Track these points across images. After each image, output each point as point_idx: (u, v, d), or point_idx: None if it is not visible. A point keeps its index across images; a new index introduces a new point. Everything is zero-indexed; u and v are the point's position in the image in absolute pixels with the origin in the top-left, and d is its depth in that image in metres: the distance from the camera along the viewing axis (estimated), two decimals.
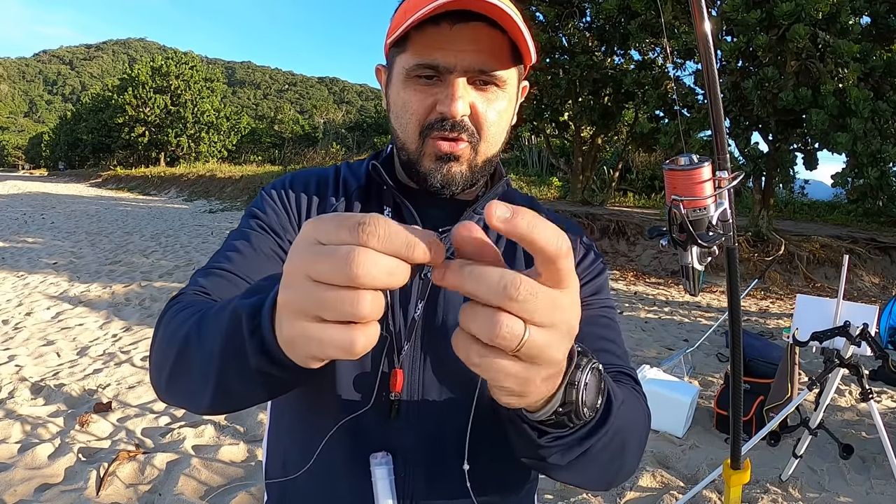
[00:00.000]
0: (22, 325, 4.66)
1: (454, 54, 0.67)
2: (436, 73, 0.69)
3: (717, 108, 1.04)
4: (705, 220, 0.97)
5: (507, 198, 0.84)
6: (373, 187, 0.82)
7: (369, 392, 0.72)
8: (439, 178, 0.72)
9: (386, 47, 0.75)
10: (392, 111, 0.75)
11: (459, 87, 0.68)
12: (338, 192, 0.81)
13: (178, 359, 0.58)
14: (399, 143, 0.75)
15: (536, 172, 19.50)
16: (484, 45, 0.68)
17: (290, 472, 0.79)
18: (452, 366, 0.72)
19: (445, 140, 0.70)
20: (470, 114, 0.70)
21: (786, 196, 14.63)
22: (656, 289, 7.56)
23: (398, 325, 0.73)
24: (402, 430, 0.73)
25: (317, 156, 28.47)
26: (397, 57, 0.72)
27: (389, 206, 0.78)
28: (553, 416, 0.49)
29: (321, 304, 0.36)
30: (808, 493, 2.54)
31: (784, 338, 2.96)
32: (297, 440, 0.78)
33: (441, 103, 0.69)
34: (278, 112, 45.38)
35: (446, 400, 0.73)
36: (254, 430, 2.95)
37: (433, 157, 0.72)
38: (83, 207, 16.75)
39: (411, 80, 0.70)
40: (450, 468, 0.74)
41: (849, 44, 7.26)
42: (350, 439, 0.73)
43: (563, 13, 11.17)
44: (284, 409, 0.80)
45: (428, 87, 0.70)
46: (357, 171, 0.84)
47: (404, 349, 0.72)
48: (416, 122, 0.71)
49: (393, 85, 0.74)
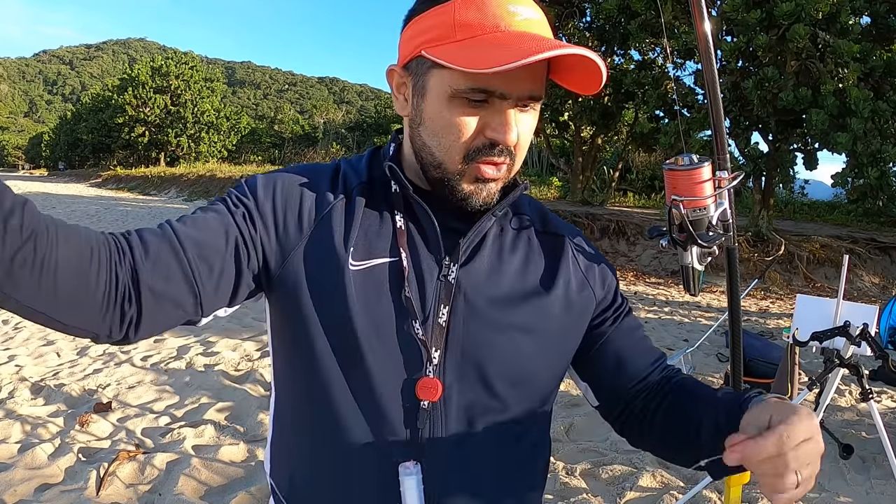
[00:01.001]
0: (22, 325, 4.66)
1: (514, 83, 0.66)
2: (487, 96, 0.67)
3: (717, 108, 1.04)
4: (705, 220, 0.97)
5: (516, 205, 0.82)
6: (376, 185, 0.77)
7: (392, 398, 0.70)
8: (478, 199, 0.72)
9: (415, 51, 0.70)
10: (427, 127, 0.71)
11: (512, 116, 0.68)
12: (336, 188, 0.77)
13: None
14: (434, 160, 0.72)
15: (536, 172, 19.51)
16: (537, 72, 0.68)
17: (299, 481, 0.75)
18: (480, 377, 0.72)
19: (492, 165, 0.70)
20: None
21: (786, 196, 14.63)
22: (656, 289, 7.56)
23: (429, 332, 0.71)
24: (430, 440, 0.71)
25: (317, 156, 28.52)
26: (440, 72, 0.67)
27: (401, 211, 0.75)
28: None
29: None
30: (808, 493, 2.54)
31: (784, 338, 2.96)
32: (305, 445, 0.75)
33: (494, 130, 0.67)
34: (278, 112, 45.40)
35: (472, 410, 0.72)
36: (254, 430, 2.95)
37: (473, 180, 0.71)
38: (83, 207, 16.75)
39: (458, 100, 0.67)
40: (477, 479, 0.73)
41: (849, 44, 7.26)
42: (375, 449, 0.70)
43: (563, 13, 11.16)
44: (290, 412, 0.77)
45: (476, 109, 0.68)
46: (358, 167, 0.80)
47: (434, 358, 0.70)
48: (463, 146, 0.69)
49: (429, 99, 0.70)
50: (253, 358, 4.10)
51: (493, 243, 0.77)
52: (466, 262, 0.74)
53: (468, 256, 0.74)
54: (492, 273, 0.74)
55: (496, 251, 0.76)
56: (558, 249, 0.80)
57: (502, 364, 0.72)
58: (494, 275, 0.74)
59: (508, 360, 0.73)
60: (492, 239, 0.77)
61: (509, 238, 0.78)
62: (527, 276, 0.76)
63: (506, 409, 0.73)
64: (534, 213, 0.83)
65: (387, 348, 0.70)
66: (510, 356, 0.73)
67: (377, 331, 0.70)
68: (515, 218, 0.81)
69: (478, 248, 0.75)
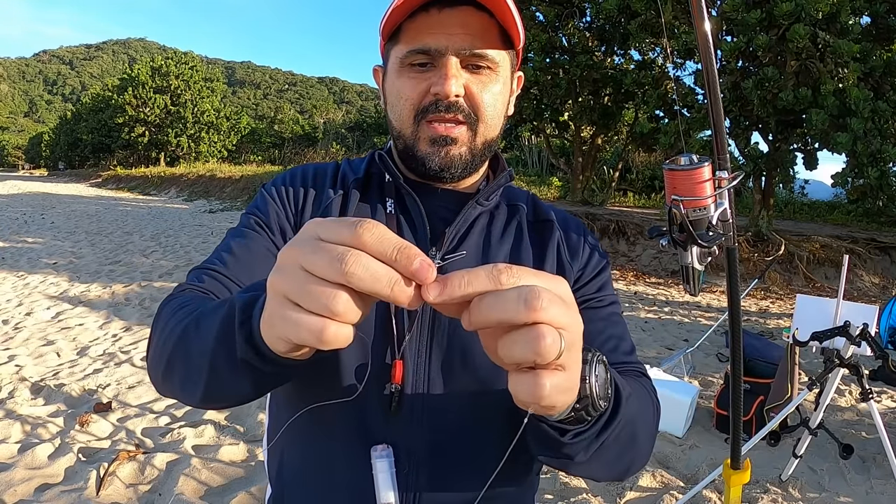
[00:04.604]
0: (22, 325, 4.66)
1: (445, 37, 0.68)
2: (428, 58, 0.69)
3: (717, 108, 1.04)
4: (705, 220, 0.96)
5: (508, 193, 0.84)
6: (372, 180, 0.82)
7: (368, 383, 0.71)
8: (437, 161, 0.72)
9: (381, 44, 0.76)
10: (388, 102, 0.75)
11: (452, 67, 0.69)
12: (335, 185, 0.81)
13: (177, 348, 0.60)
14: (395, 131, 0.75)
15: (536, 172, 19.50)
16: (473, 27, 0.69)
17: (286, 466, 0.78)
18: (457, 360, 0.72)
19: (441, 122, 0.71)
20: (465, 95, 0.71)
21: (786, 196, 14.63)
22: (656, 289, 7.56)
23: (402, 318, 0.72)
24: (405, 424, 0.72)
25: (317, 156, 28.49)
26: (392, 50, 0.73)
27: (392, 198, 0.78)
28: (572, 414, 0.50)
29: (305, 292, 0.39)
30: (808, 493, 2.54)
31: (784, 338, 2.96)
32: (294, 434, 0.77)
33: (435, 84, 0.69)
34: (278, 112, 45.35)
35: (451, 394, 0.72)
36: (254, 430, 2.95)
37: (429, 141, 0.72)
38: (83, 207, 16.75)
39: (405, 69, 0.71)
40: (454, 464, 0.73)
41: (849, 44, 7.26)
42: (350, 431, 0.72)
43: (563, 13, 11.16)
44: (282, 403, 0.80)
45: (421, 73, 0.71)
46: (356, 166, 0.84)
47: (405, 340, 0.71)
48: (411, 108, 0.72)
49: (388, 78, 0.75)
50: None
51: (480, 232, 0.78)
52: (453, 250, 0.75)
53: (455, 245, 0.76)
54: (477, 262, 0.75)
55: (484, 240, 0.78)
56: (547, 235, 0.81)
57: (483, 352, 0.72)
58: (480, 263, 0.74)
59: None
60: (480, 228, 0.78)
61: (499, 228, 0.79)
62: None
63: (483, 394, 0.73)
64: (528, 205, 0.84)
65: (362, 333, 0.72)
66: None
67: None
68: (508, 208, 0.82)
69: (465, 236, 0.77)
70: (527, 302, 0.37)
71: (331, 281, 0.38)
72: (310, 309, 0.39)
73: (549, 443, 0.55)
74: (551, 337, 0.37)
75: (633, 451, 0.64)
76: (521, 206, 0.83)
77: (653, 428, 0.69)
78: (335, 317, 0.38)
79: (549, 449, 0.57)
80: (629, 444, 0.62)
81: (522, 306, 0.37)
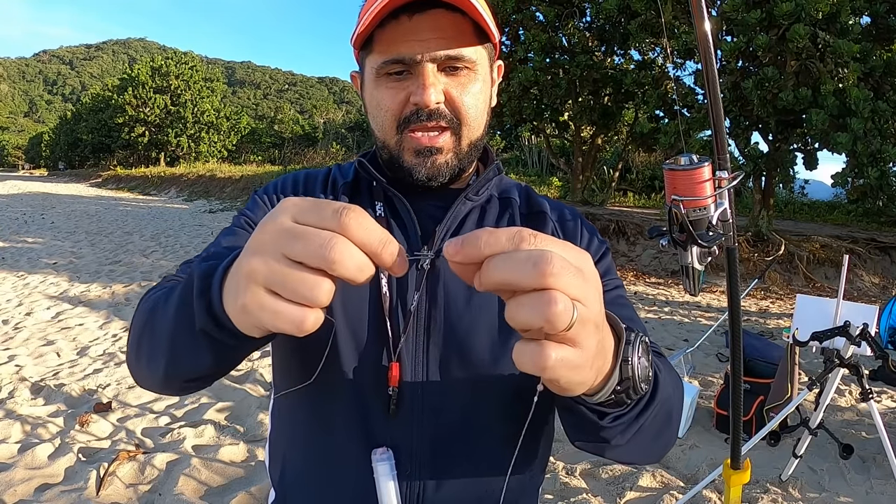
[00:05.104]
0: (22, 325, 4.66)
1: (418, 44, 0.67)
2: (404, 66, 0.69)
3: (717, 108, 1.04)
4: (705, 220, 0.96)
5: (500, 185, 0.83)
6: (362, 183, 0.81)
7: (366, 386, 0.71)
8: (424, 171, 0.72)
9: (355, 53, 0.75)
10: (368, 112, 0.75)
11: (430, 76, 0.68)
12: (326, 190, 0.81)
13: (144, 328, 0.60)
14: (379, 142, 0.75)
15: (536, 172, 19.50)
16: (446, 30, 0.68)
17: (289, 469, 0.78)
18: (455, 358, 0.72)
19: (424, 131, 0.70)
20: (445, 100, 0.70)
21: (786, 196, 14.63)
22: (656, 289, 7.56)
23: (396, 318, 0.72)
24: (406, 425, 0.71)
25: (317, 156, 28.47)
26: (366, 59, 0.72)
27: (381, 201, 0.78)
28: (612, 396, 0.49)
29: (285, 280, 0.38)
30: (808, 493, 2.54)
31: (784, 338, 2.96)
32: (296, 438, 0.77)
33: (414, 94, 0.69)
34: (278, 112, 45.35)
35: (451, 393, 0.72)
36: (254, 430, 2.95)
37: (413, 153, 0.72)
38: (83, 207, 16.74)
39: (382, 79, 0.70)
40: (457, 463, 0.73)
41: (849, 44, 7.26)
42: (352, 434, 0.71)
43: (563, 13, 11.15)
44: (284, 406, 0.79)
45: (399, 82, 0.70)
46: (346, 171, 0.85)
47: (401, 342, 0.71)
48: (392, 118, 0.71)
49: (366, 87, 0.74)
50: (253, 357, 4.10)
51: (472, 228, 0.77)
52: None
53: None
54: None
55: None
56: (541, 227, 0.80)
57: (481, 349, 0.72)
58: None
59: (485, 344, 0.72)
60: (471, 223, 0.78)
61: (490, 222, 0.79)
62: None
63: (483, 391, 0.73)
64: (521, 197, 0.84)
65: (360, 336, 0.72)
66: (488, 340, 0.72)
67: (353, 318, 0.72)
68: (500, 202, 0.81)
69: (456, 233, 0.76)
70: (536, 265, 0.35)
71: (312, 268, 0.37)
72: (291, 299, 0.38)
73: (587, 426, 0.54)
74: (563, 304, 0.35)
75: (669, 431, 0.64)
76: (514, 198, 0.82)
77: (681, 408, 0.69)
78: (315, 305, 0.38)
79: (587, 433, 0.56)
80: (665, 424, 0.61)
81: (531, 268, 0.35)
